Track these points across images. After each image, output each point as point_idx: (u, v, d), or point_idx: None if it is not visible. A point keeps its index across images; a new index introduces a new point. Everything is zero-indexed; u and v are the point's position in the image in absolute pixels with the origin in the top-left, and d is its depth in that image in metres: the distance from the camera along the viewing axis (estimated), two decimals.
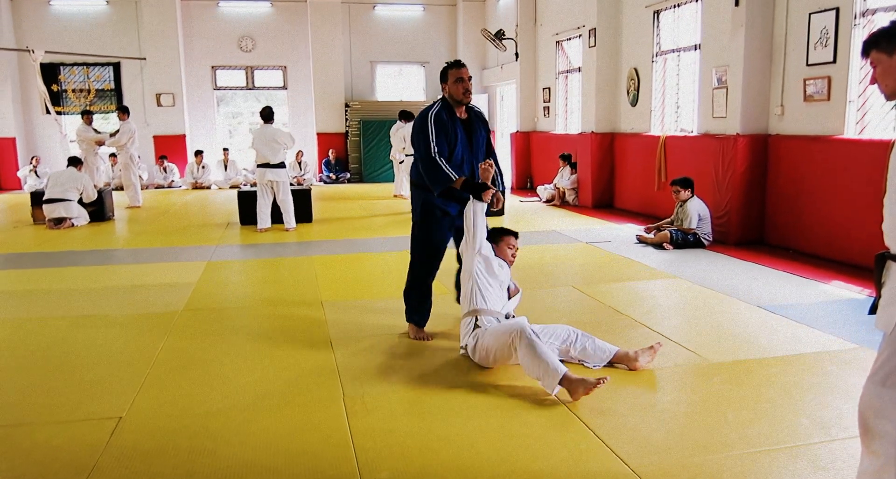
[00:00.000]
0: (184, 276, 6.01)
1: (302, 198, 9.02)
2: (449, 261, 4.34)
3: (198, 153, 14.33)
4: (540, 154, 12.69)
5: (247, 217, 8.85)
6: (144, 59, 14.62)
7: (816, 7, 6.28)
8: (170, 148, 14.77)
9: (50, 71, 14.21)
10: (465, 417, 3.03)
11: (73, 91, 14.75)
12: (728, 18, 7.10)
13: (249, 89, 15.82)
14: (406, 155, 10.66)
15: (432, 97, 15.68)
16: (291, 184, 10.05)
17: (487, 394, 3.27)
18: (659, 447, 2.72)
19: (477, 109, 4.18)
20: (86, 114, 11.31)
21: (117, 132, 10.94)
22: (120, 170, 11.78)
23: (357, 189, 13.80)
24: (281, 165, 8.42)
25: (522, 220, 9.11)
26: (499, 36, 13.08)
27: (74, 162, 9.64)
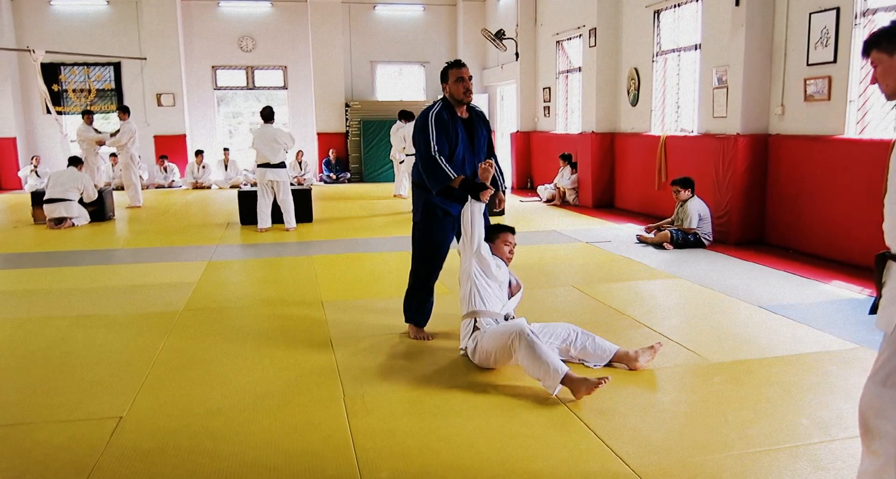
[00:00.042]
0: (184, 276, 6.01)
1: (302, 198, 9.02)
2: (452, 260, 4.33)
3: (198, 153, 14.34)
4: (540, 154, 12.69)
5: (247, 217, 8.85)
6: (145, 59, 14.63)
7: (817, 7, 6.28)
8: (170, 148, 14.78)
9: (50, 71, 14.21)
10: (465, 417, 3.03)
11: (74, 91, 14.75)
12: (728, 18, 7.10)
13: (250, 89, 15.83)
14: (406, 155, 10.65)
15: (432, 97, 15.68)
16: (292, 184, 10.05)
17: (487, 394, 3.27)
18: (659, 447, 2.72)
19: (478, 109, 4.18)
20: (86, 114, 11.30)
21: (118, 132, 10.94)
22: (120, 170, 11.78)
23: (357, 189, 13.80)
24: (281, 164, 8.42)
25: (523, 219, 9.12)
26: (499, 36, 13.08)
27: (75, 162, 9.64)
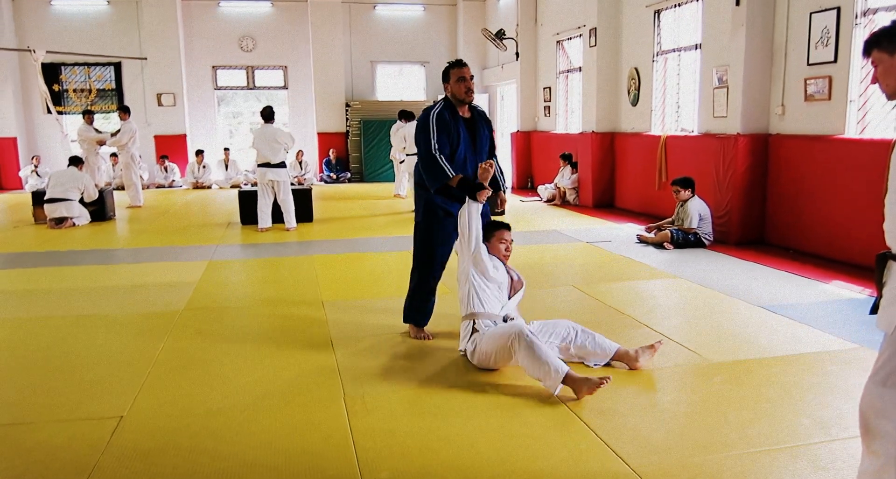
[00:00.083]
0: (184, 275, 6.01)
1: (302, 198, 9.02)
2: (453, 260, 4.32)
3: (198, 153, 14.34)
4: (540, 154, 12.69)
5: (247, 217, 8.85)
6: (145, 58, 14.63)
7: (817, 6, 6.28)
8: (170, 148, 14.78)
9: (51, 71, 14.21)
10: (465, 417, 3.03)
11: (74, 91, 14.76)
12: (729, 18, 7.10)
13: (250, 89, 15.82)
14: (406, 155, 10.65)
15: (432, 97, 15.68)
16: (292, 183, 10.05)
17: (487, 394, 3.27)
18: (659, 447, 2.72)
19: (480, 109, 4.17)
20: (87, 113, 11.30)
21: (118, 132, 10.94)
22: (121, 169, 11.78)
23: (357, 189, 13.80)
24: (281, 164, 8.42)
25: (523, 219, 9.11)
26: (499, 36, 13.08)
27: (75, 161, 9.64)
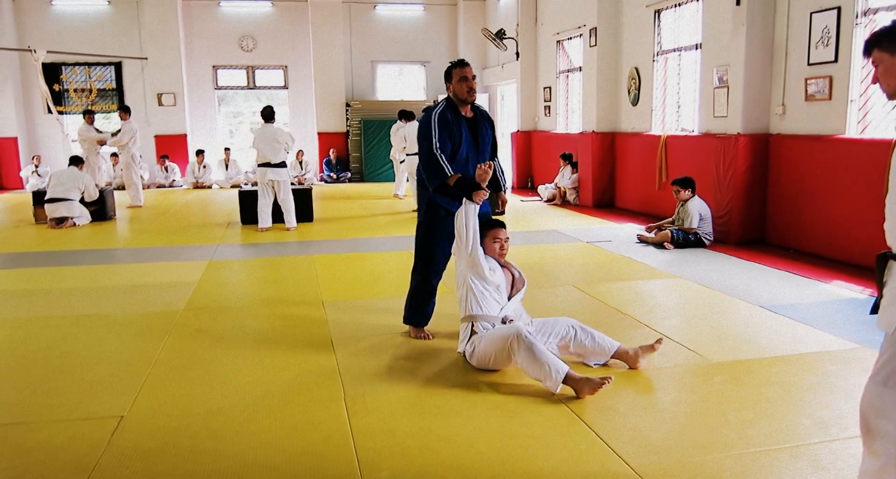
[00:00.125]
0: (185, 275, 6.01)
1: (303, 197, 9.02)
2: (454, 260, 4.32)
3: (199, 153, 14.34)
4: (541, 153, 12.68)
5: (248, 217, 8.85)
6: (146, 58, 14.63)
7: (818, 6, 6.27)
8: (171, 147, 14.79)
9: (52, 71, 14.21)
10: (465, 417, 3.03)
11: (75, 91, 14.76)
12: (729, 18, 7.10)
13: (250, 89, 15.83)
14: (407, 154, 10.64)
15: (433, 97, 15.69)
16: (292, 183, 10.05)
17: (487, 394, 3.27)
18: (659, 447, 2.72)
19: (482, 109, 4.19)
20: (87, 113, 11.31)
21: (119, 132, 10.94)
22: (121, 169, 11.79)
23: (358, 189, 13.80)
24: (282, 164, 8.42)
25: (523, 219, 9.12)
26: (499, 35, 13.08)
27: (76, 161, 9.64)
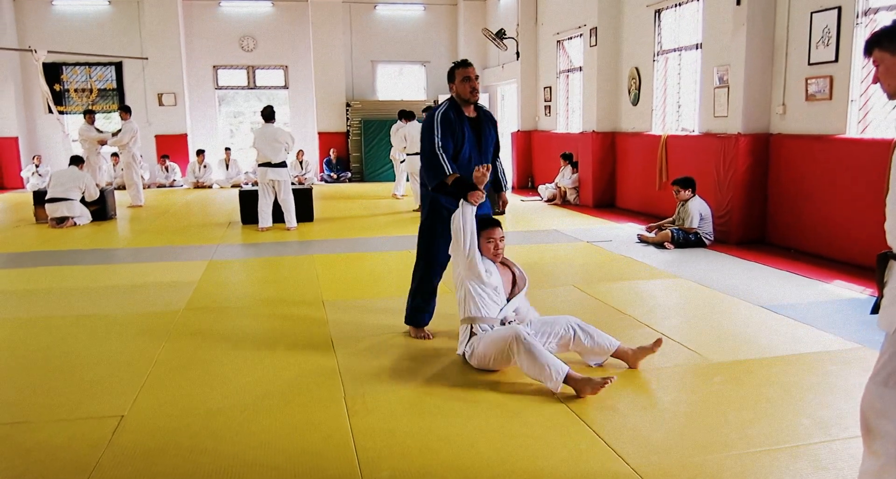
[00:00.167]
0: (185, 275, 6.01)
1: (303, 197, 9.02)
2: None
3: (199, 153, 14.34)
4: (541, 153, 12.68)
5: (248, 216, 8.85)
6: (146, 58, 14.64)
7: (818, 6, 6.27)
8: (171, 147, 14.79)
9: (52, 70, 14.22)
10: (465, 417, 3.03)
11: (76, 90, 14.77)
12: (729, 17, 7.09)
13: (251, 89, 15.83)
14: (407, 154, 10.64)
15: (433, 97, 15.69)
16: (293, 183, 10.05)
17: (487, 394, 3.27)
18: (659, 447, 2.72)
19: (486, 109, 4.19)
20: (88, 113, 11.30)
21: (119, 132, 10.94)
22: (122, 169, 11.80)
23: (358, 188, 13.80)
24: (282, 164, 8.42)
25: (524, 219, 9.12)
26: (500, 35, 13.07)
27: (76, 161, 9.65)
